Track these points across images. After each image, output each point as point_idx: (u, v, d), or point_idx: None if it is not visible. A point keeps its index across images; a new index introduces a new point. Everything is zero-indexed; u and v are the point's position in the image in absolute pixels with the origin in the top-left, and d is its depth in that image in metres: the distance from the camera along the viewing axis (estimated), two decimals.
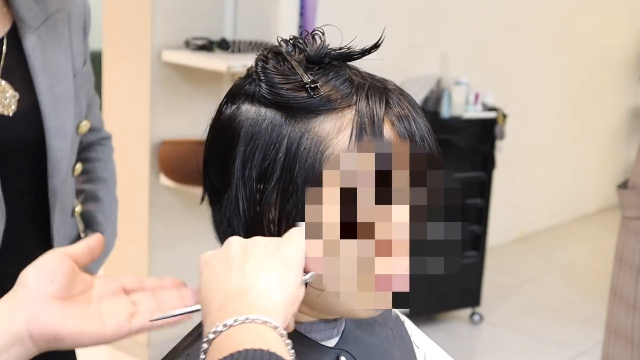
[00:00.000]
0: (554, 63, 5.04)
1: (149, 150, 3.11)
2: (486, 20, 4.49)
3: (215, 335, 0.69)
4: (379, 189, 0.77)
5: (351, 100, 0.83)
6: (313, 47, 0.87)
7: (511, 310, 4.05)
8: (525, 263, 4.73)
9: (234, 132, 0.85)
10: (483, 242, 3.85)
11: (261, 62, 0.87)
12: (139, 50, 3.07)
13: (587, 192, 5.65)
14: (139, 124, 3.12)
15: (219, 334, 0.69)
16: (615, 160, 5.87)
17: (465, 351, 3.67)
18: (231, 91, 0.89)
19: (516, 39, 4.72)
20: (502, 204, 4.61)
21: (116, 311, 0.80)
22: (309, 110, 0.83)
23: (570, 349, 3.72)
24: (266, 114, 0.84)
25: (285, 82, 0.84)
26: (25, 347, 0.77)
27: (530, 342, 3.76)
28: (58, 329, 0.77)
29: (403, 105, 0.85)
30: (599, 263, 4.76)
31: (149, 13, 3.01)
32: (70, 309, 0.78)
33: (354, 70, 0.88)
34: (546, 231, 5.26)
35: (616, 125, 5.79)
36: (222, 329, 0.69)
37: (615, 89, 5.69)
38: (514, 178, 4.87)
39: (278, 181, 0.82)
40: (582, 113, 5.41)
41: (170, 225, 3.21)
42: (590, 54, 5.33)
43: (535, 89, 4.94)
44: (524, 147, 4.89)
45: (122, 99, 3.20)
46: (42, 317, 0.77)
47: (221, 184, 0.86)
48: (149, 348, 3.22)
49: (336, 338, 0.92)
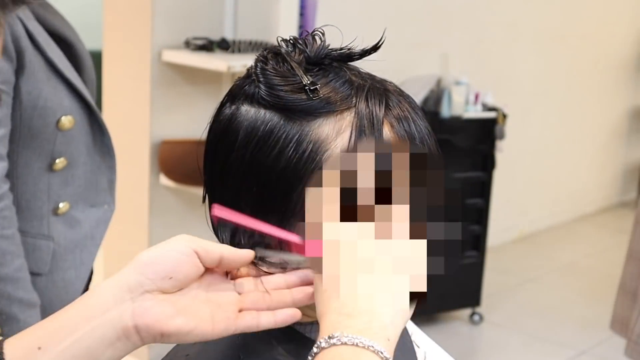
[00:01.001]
0: (554, 63, 5.04)
1: (149, 150, 3.11)
2: (486, 20, 4.49)
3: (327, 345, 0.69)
4: (379, 189, 0.77)
5: (351, 102, 0.83)
6: (313, 47, 0.86)
7: (511, 310, 4.05)
8: (525, 263, 4.73)
9: (233, 133, 0.85)
10: (483, 242, 3.84)
11: (260, 62, 0.87)
12: (139, 50, 3.07)
13: (587, 192, 5.65)
14: (139, 124, 3.12)
15: (331, 345, 0.69)
16: (615, 160, 5.87)
17: (465, 351, 3.67)
18: (231, 91, 0.88)
19: (516, 39, 4.72)
20: (502, 204, 4.61)
21: (225, 304, 0.78)
22: (308, 113, 0.83)
23: (570, 349, 3.72)
24: (265, 116, 0.84)
25: (284, 83, 0.84)
26: (132, 342, 0.75)
27: (530, 342, 3.76)
28: (167, 326, 0.75)
29: (403, 107, 0.85)
30: (599, 263, 4.76)
31: (149, 13, 3.01)
32: (180, 303, 0.76)
33: (354, 71, 0.88)
34: (546, 231, 5.26)
35: (616, 125, 5.79)
36: (336, 342, 0.69)
37: (615, 89, 5.68)
38: (514, 178, 4.86)
39: (277, 182, 0.82)
40: (582, 113, 5.41)
41: (170, 225, 3.21)
42: (590, 54, 5.33)
43: (535, 89, 4.94)
44: (524, 147, 4.89)
45: (122, 99, 3.20)
46: (152, 313, 0.74)
47: (221, 184, 0.86)
48: (149, 348, 3.22)
49: None
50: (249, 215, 0.82)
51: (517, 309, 4.06)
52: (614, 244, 5.07)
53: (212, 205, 0.82)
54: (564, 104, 5.23)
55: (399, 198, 0.78)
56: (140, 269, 0.76)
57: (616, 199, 5.94)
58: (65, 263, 1.59)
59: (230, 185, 0.85)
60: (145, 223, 3.16)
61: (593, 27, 5.28)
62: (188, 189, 3.09)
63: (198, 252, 0.77)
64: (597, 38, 5.34)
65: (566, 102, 5.24)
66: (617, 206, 5.90)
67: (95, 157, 1.63)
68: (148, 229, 3.16)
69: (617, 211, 5.82)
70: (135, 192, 3.16)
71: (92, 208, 1.64)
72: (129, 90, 3.16)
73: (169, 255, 0.77)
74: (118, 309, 0.74)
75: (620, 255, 4.65)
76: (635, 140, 5.96)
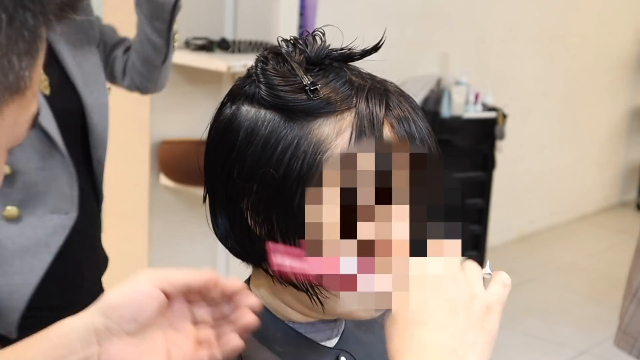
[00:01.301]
0: (554, 63, 5.04)
1: (149, 150, 3.11)
2: (486, 20, 4.49)
3: None
4: (379, 189, 0.77)
5: (351, 103, 0.83)
6: (313, 47, 0.86)
7: (511, 310, 4.04)
8: (525, 263, 4.73)
9: (233, 133, 0.85)
10: (483, 242, 3.85)
11: (261, 63, 0.87)
12: None
13: (587, 192, 5.65)
14: (139, 124, 3.12)
15: None
16: (615, 160, 5.87)
17: None
18: (231, 91, 0.88)
19: (516, 39, 4.72)
20: (502, 204, 4.61)
21: (183, 342, 0.78)
22: (308, 113, 0.82)
23: (570, 349, 3.72)
24: (265, 116, 0.84)
25: (284, 83, 0.84)
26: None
27: (530, 341, 3.76)
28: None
29: (403, 107, 0.85)
30: (599, 263, 4.76)
31: None
32: (143, 346, 0.76)
33: (354, 71, 0.87)
34: (546, 231, 5.26)
35: (616, 125, 5.79)
36: None
37: (615, 89, 5.68)
38: (514, 178, 4.86)
39: (277, 183, 0.82)
40: (582, 113, 5.41)
41: (170, 225, 3.21)
42: (590, 54, 5.33)
43: (535, 89, 4.94)
44: (524, 147, 4.89)
45: (122, 99, 3.19)
46: (112, 352, 0.75)
47: (220, 184, 0.86)
48: None
49: (336, 338, 0.92)
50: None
51: (517, 309, 4.06)
52: (614, 244, 5.07)
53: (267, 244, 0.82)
54: (564, 104, 5.23)
55: (399, 198, 0.78)
56: (106, 311, 0.75)
57: (616, 199, 5.94)
58: (11, 268, 1.56)
59: (230, 186, 0.85)
60: (146, 223, 3.16)
61: (593, 27, 5.28)
62: (188, 189, 3.09)
63: (164, 289, 0.77)
64: (597, 38, 5.34)
65: (566, 102, 5.24)
66: (617, 206, 5.90)
67: (54, 165, 1.60)
68: (148, 229, 3.16)
69: (617, 211, 5.82)
70: (135, 192, 3.16)
71: (52, 215, 1.61)
72: None
73: (134, 298, 0.76)
74: (85, 352, 0.74)
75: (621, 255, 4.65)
76: (635, 140, 5.96)
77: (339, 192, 0.77)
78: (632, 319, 2.43)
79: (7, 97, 0.54)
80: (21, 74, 0.55)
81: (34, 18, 0.54)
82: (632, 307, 2.44)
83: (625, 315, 2.45)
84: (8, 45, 0.53)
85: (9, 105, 0.55)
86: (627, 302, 2.46)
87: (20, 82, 0.55)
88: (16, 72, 0.54)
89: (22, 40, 0.54)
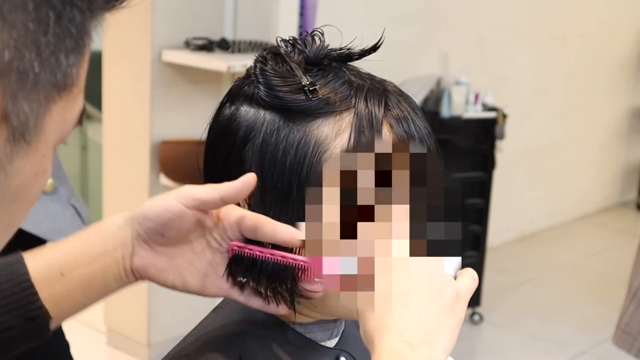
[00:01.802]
0: (554, 63, 5.04)
1: (149, 150, 3.11)
2: (486, 20, 4.49)
3: None
4: (379, 189, 0.77)
5: (350, 103, 0.83)
6: (312, 48, 0.86)
7: (511, 310, 4.05)
8: (525, 263, 4.73)
9: (232, 133, 0.85)
10: (483, 242, 3.84)
11: (260, 63, 0.87)
12: (139, 50, 3.07)
13: (587, 192, 5.65)
14: (139, 124, 3.12)
15: None
16: (615, 160, 5.87)
17: (465, 351, 3.67)
18: (230, 92, 0.88)
19: (516, 39, 4.72)
20: (502, 204, 4.61)
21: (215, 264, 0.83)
22: (307, 113, 0.82)
23: (570, 349, 3.72)
24: (265, 116, 0.84)
25: (283, 84, 0.84)
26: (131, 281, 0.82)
27: (530, 342, 3.76)
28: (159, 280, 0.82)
29: (402, 107, 0.85)
30: (599, 263, 4.76)
31: (149, 13, 3.01)
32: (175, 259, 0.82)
33: (354, 71, 0.88)
34: (546, 231, 5.26)
35: (616, 124, 5.79)
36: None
37: (615, 89, 5.68)
38: (514, 178, 4.86)
39: (276, 183, 0.82)
40: (582, 113, 5.41)
41: None
42: (591, 54, 5.33)
43: (535, 89, 4.93)
44: (524, 147, 4.89)
45: (122, 99, 3.20)
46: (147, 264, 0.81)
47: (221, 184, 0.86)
48: (149, 348, 3.22)
49: (336, 338, 0.92)
50: None
51: (517, 309, 4.06)
52: (614, 244, 5.07)
53: None
54: (564, 104, 5.23)
55: (399, 198, 0.78)
56: (139, 219, 0.81)
57: (616, 199, 5.94)
58: None
59: None
60: None
61: (593, 27, 5.28)
62: None
63: (196, 207, 0.80)
64: (597, 38, 5.34)
65: (566, 102, 5.24)
66: (617, 206, 5.90)
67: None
68: None
69: (617, 211, 5.82)
70: (135, 192, 3.16)
71: None
72: (129, 90, 3.16)
73: (161, 215, 0.80)
74: (122, 251, 0.81)
75: (621, 255, 4.65)
76: (635, 140, 5.96)
77: (339, 192, 0.78)
78: (632, 319, 2.45)
79: (55, 95, 0.54)
80: (68, 71, 0.55)
81: (82, 14, 0.54)
82: (632, 306, 2.45)
83: (625, 314, 2.47)
84: (56, 43, 0.53)
85: (57, 103, 0.55)
86: (627, 302, 2.47)
87: (68, 79, 0.55)
88: (63, 69, 0.54)
89: (69, 37, 0.54)
